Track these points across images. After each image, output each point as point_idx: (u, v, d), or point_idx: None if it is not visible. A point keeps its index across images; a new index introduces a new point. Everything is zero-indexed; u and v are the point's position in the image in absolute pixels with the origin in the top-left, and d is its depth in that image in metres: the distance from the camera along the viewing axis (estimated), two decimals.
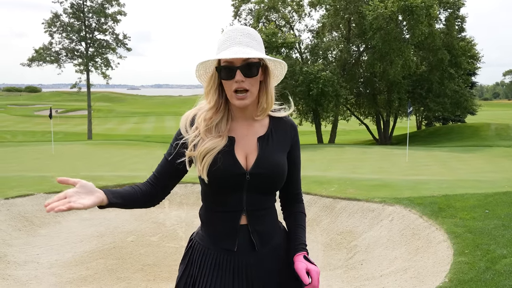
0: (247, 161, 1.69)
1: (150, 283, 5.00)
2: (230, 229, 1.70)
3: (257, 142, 1.71)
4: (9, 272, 5.15)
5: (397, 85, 28.69)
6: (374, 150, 19.05)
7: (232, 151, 1.68)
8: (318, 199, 7.23)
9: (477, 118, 38.85)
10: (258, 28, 26.55)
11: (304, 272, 1.67)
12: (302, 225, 1.85)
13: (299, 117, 29.66)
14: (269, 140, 1.73)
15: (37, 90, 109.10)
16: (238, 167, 1.66)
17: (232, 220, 1.70)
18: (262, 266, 1.73)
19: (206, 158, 1.64)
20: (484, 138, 24.68)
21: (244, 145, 1.71)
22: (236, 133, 1.72)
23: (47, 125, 32.35)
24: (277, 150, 1.73)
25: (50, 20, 33.18)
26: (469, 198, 6.18)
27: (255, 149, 1.70)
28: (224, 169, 1.64)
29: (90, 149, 19.36)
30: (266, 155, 1.70)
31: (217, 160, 1.64)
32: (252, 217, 1.70)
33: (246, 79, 1.61)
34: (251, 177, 1.66)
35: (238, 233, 1.70)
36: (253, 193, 1.69)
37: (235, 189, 1.67)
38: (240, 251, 1.71)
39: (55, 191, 7.71)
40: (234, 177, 1.65)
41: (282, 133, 1.77)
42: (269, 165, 1.68)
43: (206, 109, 1.70)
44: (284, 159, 1.74)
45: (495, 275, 3.78)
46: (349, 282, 4.85)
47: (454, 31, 31.06)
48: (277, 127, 1.77)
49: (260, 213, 1.72)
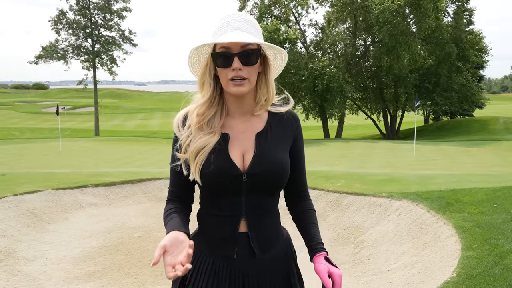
0: (244, 161, 1.53)
1: (158, 278, 5.02)
2: (228, 235, 1.56)
3: (255, 139, 1.56)
4: (18, 268, 5.20)
5: (404, 80, 28.50)
6: (381, 144, 18.97)
7: (226, 150, 1.53)
8: (325, 194, 7.22)
9: (485, 112, 38.54)
10: (262, 24, 26.44)
11: (326, 276, 1.52)
12: (315, 223, 1.69)
13: (305, 112, 29.60)
14: (268, 135, 1.58)
15: (44, 87, 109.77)
16: (234, 167, 1.51)
17: (231, 225, 1.55)
18: (261, 276, 1.59)
19: (198, 157, 1.50)
20: (492, 132, 24.50)
21: (240, 143, 1.55)
22: (231, 130, 1.56)
23: (55, 122, 32.49)
24: (277, 146, 1.57)
25: (56, 18, 33.33)
26: (477, 193, 6.13)
27: (252, 147, 1.55)
28: (218, 170, 1.49)
29: (97, 145, 19.46)
30: (264, 152, 1.54)
31: (210, 160, 1.49)
32: (252, 221, 1.55)
33: (244, 67, 1.46)
34: (249, 178, 1.51)
35: (237, 239, 1.56)
36: (253, 195, 1.53)
37: (232, 192, 1.52)
38: (239, 259, 1.57)
39: (62, 187, 7.77)
40: (229, 178, 1.50)
41: (282, 127, 1.61)
42: (267, 164, 1.52)
43: (199, 103, 1.55)
44: (285, 155, 1.59)
45: (503, 269, 3.75)
46: (357, 277, 4.84)
47: (462, 24, 30.78)
48: (277, 121, 1.61)
49: (261, 217, 1.57)
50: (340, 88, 25.18)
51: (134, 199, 8.04)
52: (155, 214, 7.25)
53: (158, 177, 8.70)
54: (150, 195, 8.18)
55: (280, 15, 28.92)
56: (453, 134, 25.88)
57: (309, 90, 25.49)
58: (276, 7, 29.02)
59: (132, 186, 8.36)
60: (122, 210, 7.54)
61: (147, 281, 4.96)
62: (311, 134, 31.07)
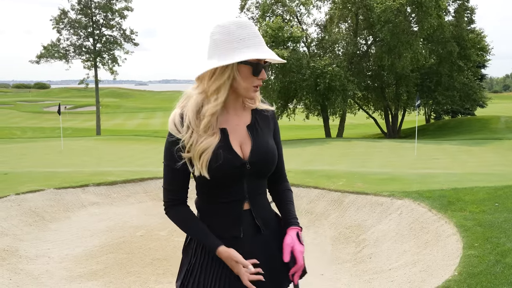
0: (243, 151, 1.75)
1: (160, 277, 5.04)
2: (235, 217, 1.76)
3: (247, 131, 1.78)
4: (21, 267, 5.22)
5: (406, 78, 28.46)
6: (383, 144, 18.95)
7: (229, 144, 1.72)
8: (327, 193, 7.22)
9: (486, 111, 38.46)
10: (265, 23, 26.40)
11: (289, 250, 1.76)
12: (291, 201, 1.93)
13: (306, 111, 29.57)
14: (257, 128, 1.80)
15: (46, 86, 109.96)
16: (238, 159, 1.71)
17: (236, 208, 1.75)
18: (266, 251, 1.80)
19: (203, 156, 1.66)
20: (494, 131, 24.46)
21: (236, 135, 1.76)
22: (227, 124, 1.76)
23: (56, 121, 32.60)
24: (267, 137, 1.81)
25: (58, 17, 33.36)
26: (479, 191, 6.13)
27: (247, 138, 1.77)
28: (226, 162, 1.68)
29: (99, 144, 19.48)
30: (259, 143, 1.77)
31: (217, 155, 1.67)
32: (253, 203, 1.78)
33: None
34: (251, 166, 1.73)
35: (243, 219, 1.76)
36: (253, 180, 1.76)
37: (237, 180, 1.73)
38: (246, 237, 1.76)
39: (64, 187, 7.79)
40: (235, 169, 1.70)
41: (265, 120, 1.85)
42: (264, 152, 1.76)
43: (211, 105, 1.68)
44: (274, 144, 1.83)
45: (505, 268, 3.76)
46: (358, 275, 4.85)
47: (464, 23, 30.72)
48: (260, 115, 1.84)
49: (259, 198, 1.81)
50: (342, 87, 25.15)
51: (136, 198, 8.05)
52: (156, 213, 7.27)
53: (159, 176, 8.71)
54: (152, 194, 8.19)
55: (283, 13, 28.89)
56: (455, 133, 25.85)
57: (311, 89, 25.45)
58: (278, 6, 28.99)
59: (134, 185, 8.37)
60: (124, 209, 7.56)
61: (149, 279, 4.97)
62: (312, 133, 31.09)
